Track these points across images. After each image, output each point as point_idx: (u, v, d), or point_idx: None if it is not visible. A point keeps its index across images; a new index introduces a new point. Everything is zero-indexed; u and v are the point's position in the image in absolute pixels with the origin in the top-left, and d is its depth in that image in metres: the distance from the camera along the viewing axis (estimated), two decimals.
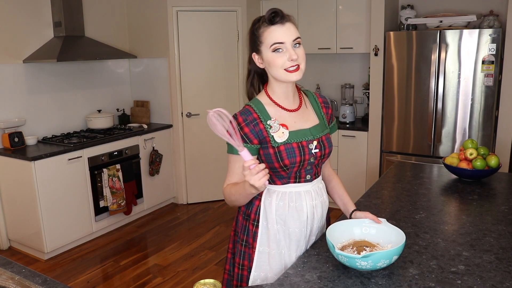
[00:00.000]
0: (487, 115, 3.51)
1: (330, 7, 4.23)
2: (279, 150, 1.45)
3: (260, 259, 1.53)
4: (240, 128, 1.45)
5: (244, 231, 1.57)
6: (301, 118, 1.53)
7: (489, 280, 1.27)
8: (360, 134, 4.10)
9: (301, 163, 1.48)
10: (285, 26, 1.42)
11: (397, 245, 1.31)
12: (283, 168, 1.47)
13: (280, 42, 1.41)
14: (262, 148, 1.47)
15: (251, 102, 1.53)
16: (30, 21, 3.72)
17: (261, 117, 1.47)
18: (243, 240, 1.57)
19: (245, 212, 1.57)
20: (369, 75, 4.08)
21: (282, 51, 1.42)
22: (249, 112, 1.48)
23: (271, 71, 1.47)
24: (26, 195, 3.40)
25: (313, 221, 1.55)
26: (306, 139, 1.49)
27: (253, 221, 1.54)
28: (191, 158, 4.61)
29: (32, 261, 3.49)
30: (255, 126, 1.46)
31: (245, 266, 1.57)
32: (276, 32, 1.42)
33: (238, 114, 1.48)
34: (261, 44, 1.45)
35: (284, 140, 1.46)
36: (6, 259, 1.50)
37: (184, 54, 4.39)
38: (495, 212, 1.81)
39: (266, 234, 1.52)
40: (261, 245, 1.53)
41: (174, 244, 3.73)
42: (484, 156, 2.21)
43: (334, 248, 1.31)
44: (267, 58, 1.45)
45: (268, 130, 1.46)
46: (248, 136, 1.45)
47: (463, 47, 3.48)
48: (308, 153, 1.49)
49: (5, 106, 3.61)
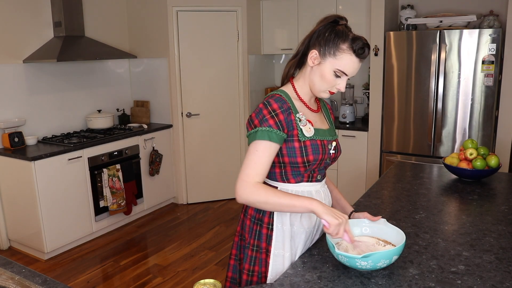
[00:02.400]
0: (487, 115, 3.51)
1: (330, 7, 4.22)
2: (305, 145, 1.44)
3: (276, 262, 1.49)
4: (275, 114, 1.40)
5: (255, 235, 1.52)
6: (319, 120, 1.55)
7: (489, 280, 1.27)
8: (360, 134, 4.10)
9: (321, 161, 1.49)
10: (360, 63, 1.42)
11: (397, 245, 1.31)
12: (305, 163, 1.45)
13: (346, 74, 1.42)
14: (287, 141, 1.43)
15: (280, 92, 1.50)
16: (30, 21, 3.72)
17: (292, 108, 1.46)
18: (253, 245, 1.52)
19: (255, 217, 1.52)
20: (369, 75, 4.08)
21: (340, 78, 1.43)
22: (283, 101, 1.45)
23: (316, 80, 1.45)
24: (26, 195, 3.40)
25: (320, 220, 1.56)
26: (327, 138, 1.51)
27: (267, 224, 1.50)
28: (191, 158, 4.61)
29: (32, 261, 3.49)
30: (288, 116, 1.43)
31: (256, 272, 1.52)
32: (352, 65, 1.40)
33: (272, 101, 1.42)
34: (332, 56, 1.40)
35: (311, 135, 1.46)
36: (6, 259, 1.50)
37: (184, 54, 4.39)
38: (495, 212, 1.81)
39: (282, 237, 1.49)
40: (276, 248, 1.49)
41: (174, 244, 3.73)
42: (484, 156, 2.21)
43: (334, 248, 1.31)
44: (324, 70, 1.42)
45: (297, 123, 1.44)
46: (282, 124, 1.41)
47: (463, 47, 3.48)
48: (327, 152, 1.50)
49: (5, 106, 3.61)
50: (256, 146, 1.39)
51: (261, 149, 1.39)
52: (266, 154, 1.39)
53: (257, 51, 4.71)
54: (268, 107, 1.41)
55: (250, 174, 1.38)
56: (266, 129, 1.39)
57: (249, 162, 1.39)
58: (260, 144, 1.39)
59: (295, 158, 1.43)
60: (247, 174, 1.38)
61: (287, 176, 1.48)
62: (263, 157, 1.39)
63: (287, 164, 1.46)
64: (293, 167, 1.46)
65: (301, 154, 1.43)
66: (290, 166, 1.46)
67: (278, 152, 1.44)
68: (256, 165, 1.38)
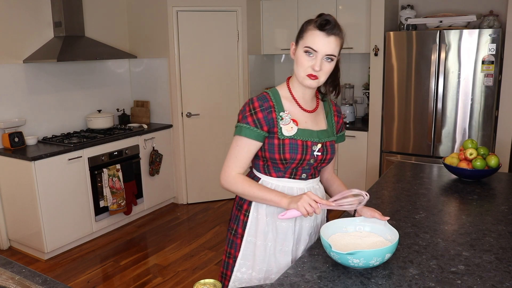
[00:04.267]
0: (487, 115, 3.51)
1: (330, 7, 4.22)
2: (283, 143, 1.49)
3: (247, 248, 1.58)
4: (254, 112, 1.49)
5: (236, 220, 1.62)
6: (313, 120, 1.57)
7: (489, 280, 1.27)
8: (360, 134, 4.10)
9: (300, 161, 1.51)
10: (328, 38, 1.42)
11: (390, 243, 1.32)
12: (282, 161, 1.50)
13: (314, 49, 1.42)
14: (269, 137, 1.50)
15: (270, 90, 1.56)
16: (30, 21, 3.72)
17: (276, 107, 1.51)
18: (233, 229, 1.63)
19: (238, 203, 1.63)
20: (369, 75, 4.08)
21: (312, 57, 1.44)
22: (266, 99, 1.52)
23: (295, 67, 1.50)
24: (26, 195, 3.40)
25: (302, 218, 1.58)
26: (311, 139, 1.52)
27: (245, 211, 1.59)
28: (191, 158, 4.61)
29: (32, 261, 3.49)
30: (268, 114, 1.49)
31: (231, 254, 1.62)
32: (316, 38, 1.42)
33: (255, 99, 1.52)
34: (301, 39, 1.47)
35: (291, 134, 1.49)
36: (6, 259, 1.50)
37: (184, 54, 4.39)
38: (495, 212, 1.81)
39: (255, 225, 1.57)
40: (249, 235, 1.58)
41: (174, 244, 3.73)
42: (484, 156, 2.21)
43: (330, 248, 1.31)
44: (297, 54, 1.47)
45: (278, 121, 1.50)
46: (260, 122, 1.49)
47: (463, 47, 3.48)
48: (310, 153, 1.52)
49: (5, 106, 3.61)
50: (236, 141, 1.52)
51: (240, 145, 1.51)
52: (245, 150, 1.51)
53: (257, 51, 4.71)
54: (250, 105, 1.50)
55: (230, 166, 1.52)
56: (244, 126, 1.50)
57: (230, 155, 1.53)
58: (239, 139, 1.51)
59: (273, 154, 1.50)
60: (228, 165, 1.53)
61: (269, 169, 1.56)
62: (241, 152, 1.51)
63: (267, 159, 1.53)
64: (273, 162, 1.53)
65: (278, 151, 1.49)
66: (270, 161, 1.53)
67: (262, 147, 1.52)
68: (236, 159, 1.52)
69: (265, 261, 1.56)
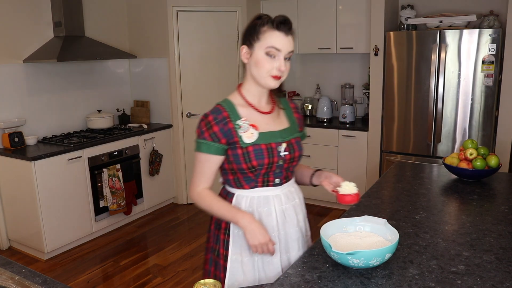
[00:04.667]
0: (487, 115, 3.51)
1: (330, 7, 4.22)
2: (248, 151, 1.45)
3: (234, 268, 1.51)
4: (209, 127, 1.45)
5: (216, 240, 1.57)
6: (273, 121, 1.53)
7: (489, 280, 1.27)
8: (360, 134, 4.10)
9: (269, 165, 1.47)
10: (287, 37, 1.43)
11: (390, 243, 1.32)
12: (250, 169, 1.46)
13: (277, 49, 1.41)
14: (231, 148, 1.46)
15: (222, 102, 1.52)
16: (30, 21, 3.72)
17: (231, 117, 1.47)
18: (214, 250, 1.58)
19: (217, 222, 1.58)
20: (369, 75, 4.08)
21: (274, 58, 1.42)
22: (219, 111, 1.48)
23: (254, 71, 1.46)
24: (26, 195, 3.40)
25: (285, 226, 1.54)
26: (275, 141, 1.49)
27: (224, 230, 1.54)
28: (191, 158, 4.59)
29: (32, 261, 3.48)
30: (224, 125, 1.45)
31: (217, 276, 1.56)
32: (278, 38, 1.42)
33: (209, 113, 1.48)
34: (257, 41, 1.43)
35: (253, 141, 1.45)
36: (6, 259, 1.50)
37: (184, 54, 4.39)
38: (495, 212, 1.81)
39: (238, 242, 1.51)
40: (233, 254, 1.51)
41: (174, 244, 3.73)
42: (484, 156, 2.21)
43: (330, 248, 1.31)
44: (257, 57, 1.44)
45: (237, 130, 1.46)
46: (217, 135, 1.45)
47: (463, 47, 3.48)
48: (276, 155, 1.48)
49: (5, 106, 3.61)
50: (198, 157, 1.50)
51: (202, 161, 1.49)
52: (207, 165, 1.48)
53: None
54: (205, 120, 1.47)
55: (195, 182, 1.51)
56: (202, 142, 1.47)
57: (194, 172, 1.51)
58: (199, 155, 1.49)
59: (240, 165, 1.46)
60: (193, 182, 1.52)
61: (240, 182, 1.51)
62: (203, 168, 1.49)
63: (236, 170, 1.48)
64: (242, 173, 1.48)
65: (244, 161, 1.45)
66: (240, 173, 1.48)
67: (227, 159, 1.48)
68: (200, 175, 1.50)
69: (255, 276, 1.51)
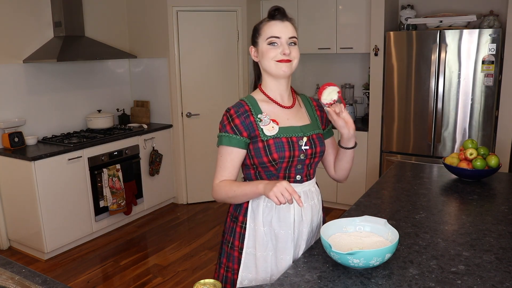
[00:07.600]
0: (487, 115, 3.51)
1: (330, 7, 4.22)
2: (268, 144, 1.47)
3: (248, 260, 1.54)
4: (231, 119, 1.48)
5: (231, 233, 1.58)
6: (294, 116, 1.56)
7: (489, 280, 1.27)
8: (360, 134, 4.10)
9: (290, 158, 1.48)
10: (284, 23, 1.48)
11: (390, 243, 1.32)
12: (272, 162, 1.47)
13: (276, 36, 1.47)
14: (252, 142, 1.48)
15: (244, 97, 1.56)
16: (30, 21, 3.72)
17: (253, 111, 1.50)
18: (229, 242, 1.59)
19: (233, 214, 1.59)
20: (369, 75, 4.08)
21: (277, 45, 1.47)
22: (241, 105, 1.52)
23: (263, 63, 1.51)
24: (26, 195, 3.40)
25: (301, 225, 1.54)
26: (296, 135, 1.51)
27: (241, 223, 1.55)
28: (191, 158, 4.61)
29: (32, 261, 3.48)
30: (246, 118, 1.48)
31: (230, 268, 1.58)
32: (274, 27, 1.47)
33: (231, 107, 1.52)
34: (259, 37, 1.51)
35: (274, 134, 1.48)
36: (6, 259, 1.50)
37: (184, 54, 4.39)
38: (495, 212, 1.81)
39: (253, 236, 1.53)
40: (248, 247, 1.54)
41: (174, 244, 3.73)
42: (484, 156, 2.21)
43: (330, 248, 1.31)
44: (261, 50, 1.50)
45: (258, 123, 1.48)
46: (238, 128, 1.47)
47: (463, 47, 3.48)
48: (298, 149, 1.49)
49: (5, 106, 3.61)
50: (220, 151, 1.52)
51: (223, 154, 1.50)
52: (228, 159, 1.49)
53: None
54: (227, 113, 1.50)
55: (217, 177, 1.51)
56: (224, 135, 1.49)
57: (217, 167, 1.52)
58: (221, 149, 1.51)
59: (261, 158, 1.48)
60: (216, 177, 1.52)
61: (261, 176, 1.52)
62: (225, 162, 1.49)
63: (257, 165, 1.50)
64: (263, 167, 1.50)
65: (265, 153, 1.47)
66: (261, 167, 1.50)
67: (248, 154, 1.50)
68: (221, 169, 1.51)
69: (268, 272, 1.53)
